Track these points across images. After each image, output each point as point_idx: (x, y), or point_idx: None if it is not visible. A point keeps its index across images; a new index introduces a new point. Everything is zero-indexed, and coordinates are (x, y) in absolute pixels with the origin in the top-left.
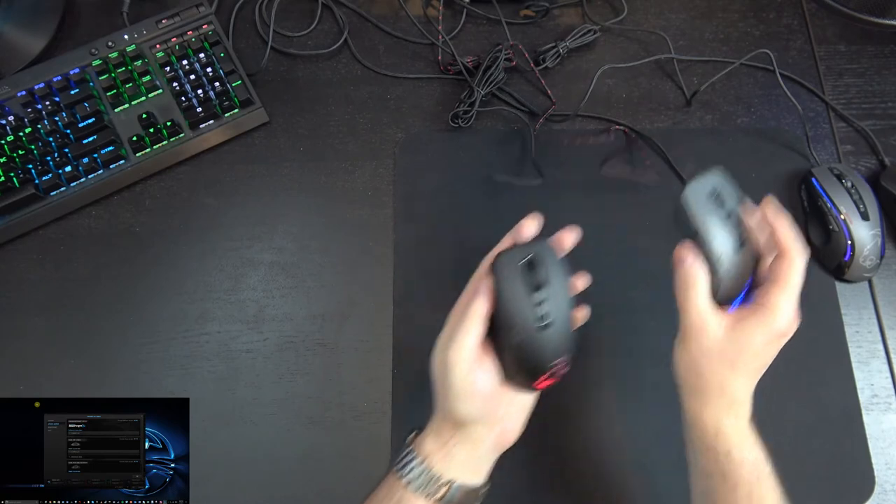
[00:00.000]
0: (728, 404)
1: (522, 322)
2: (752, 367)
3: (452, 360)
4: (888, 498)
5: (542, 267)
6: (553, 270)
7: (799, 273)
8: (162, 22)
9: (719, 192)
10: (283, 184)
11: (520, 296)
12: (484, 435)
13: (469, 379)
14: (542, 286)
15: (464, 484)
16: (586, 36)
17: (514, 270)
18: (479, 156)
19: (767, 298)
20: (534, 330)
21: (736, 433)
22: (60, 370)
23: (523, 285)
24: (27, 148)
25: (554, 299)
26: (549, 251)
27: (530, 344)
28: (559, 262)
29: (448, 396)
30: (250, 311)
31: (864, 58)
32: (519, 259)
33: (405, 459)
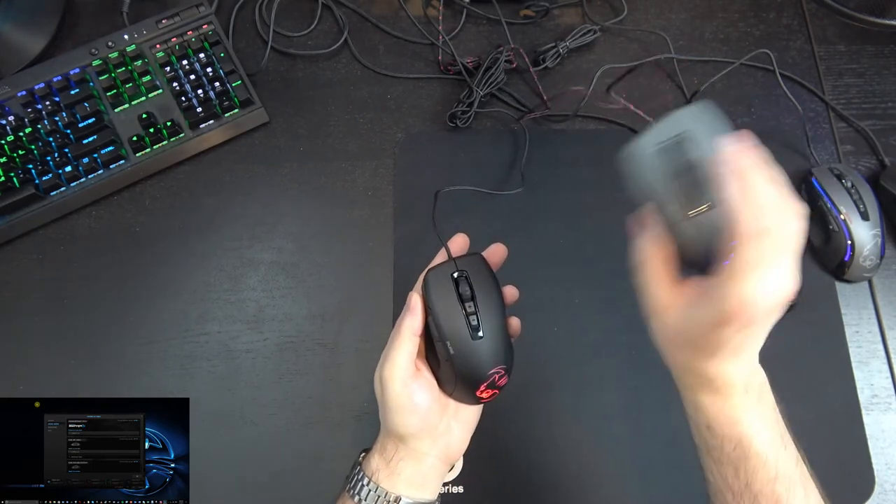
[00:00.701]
0: (699, 382)
1: (455, 334)
2: (717, 349)
3: (387, 376)
4: (888, 498)
5: (472, 280)
6: (483, 282)
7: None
8: (162, 22)
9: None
10: (283, 184)
11: (451, 309)
12: (426, 449)
13: (405, 394)
14: (473, 298)
15: (412, 500)
16: (586, 36)
17: (444, 284)
18: (479, 156)
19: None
20: (467, 341)
21: (715, 409)
22: (60, 370)
23: (454, 298)
24: (27, 148)
25: (485, 311)
26: (479, 264)
27: (465, 355)
28: (490, 274)
29: (387, 412)
30: (250, 311)
31: (864, 58)
32: (449, 273)
33: (355, 479)
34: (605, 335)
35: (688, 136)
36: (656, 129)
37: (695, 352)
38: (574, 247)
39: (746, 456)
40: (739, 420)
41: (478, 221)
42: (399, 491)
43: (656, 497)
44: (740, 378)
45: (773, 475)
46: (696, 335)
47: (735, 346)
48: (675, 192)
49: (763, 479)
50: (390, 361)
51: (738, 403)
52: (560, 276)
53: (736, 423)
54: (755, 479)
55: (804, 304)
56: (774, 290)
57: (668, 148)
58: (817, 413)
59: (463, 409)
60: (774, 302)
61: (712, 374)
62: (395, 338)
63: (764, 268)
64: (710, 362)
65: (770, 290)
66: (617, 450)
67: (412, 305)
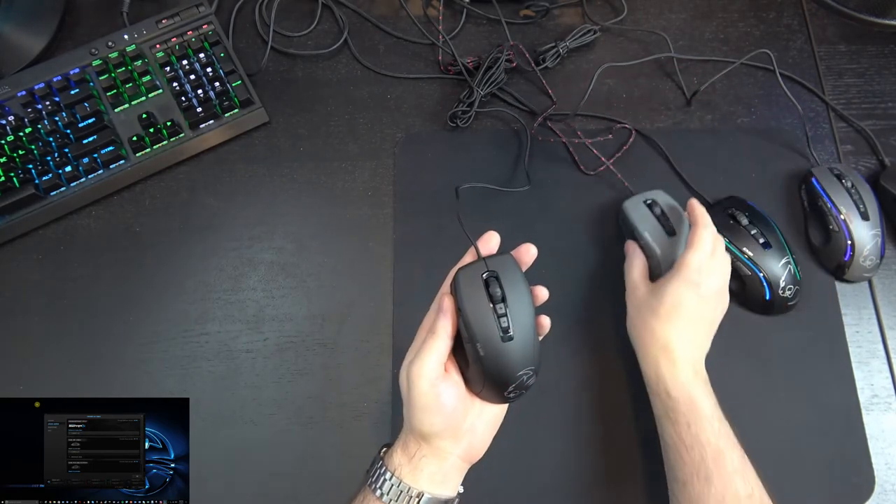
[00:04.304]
0: (662, 350)
1: (486, 335)
2: (676, 314)
3: (415, 375)
4: (888, 498)
5: (502, 280)
6: (513, 283)
7: (704, 236)
8: (162, 22)
9: (652, 199)
10: (283, 184)
11: (482, 310)
12: (449, 448)
13: (432, 394)
14: (504, 299)
15: (434, 496)
16: (586, 36)
17: (475, 285)
18: (479, 156)
19: (682, 258)
20: (497, 342)
21: (672, 374)
22: (60, 370)
23: (485, 299)
24: (27, 148)
25: (516, 311)
26: (509, 265)
27: (495, 356)
28: (520, 274)
29: (412, 411)
30: (250, 311)
31: (864, 58)
32: (479, 274)
33: (377, 473)
34: (605, 336)
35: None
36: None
37: (658, 318)
38: (574, 246)
39: (697, 414)
40: (692, 387)
41: (480, 221)
42: (421, 486)
43: (656, 497)
44: (689, 357)
45: (717, 431)
46: (659, 304)
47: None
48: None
49: (709, 433)
50: (420, 360)
51: (690, 377)
52: (560, 275)
53: (689, 388)
54: (703, 431)
55: (804, 304)
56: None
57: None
58: (817, 413)
59: (487, 408)
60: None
61: (674, 342)
62: (428, 338)
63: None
64: (672, 328)
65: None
66: (617, 449)
67: (445, 308)
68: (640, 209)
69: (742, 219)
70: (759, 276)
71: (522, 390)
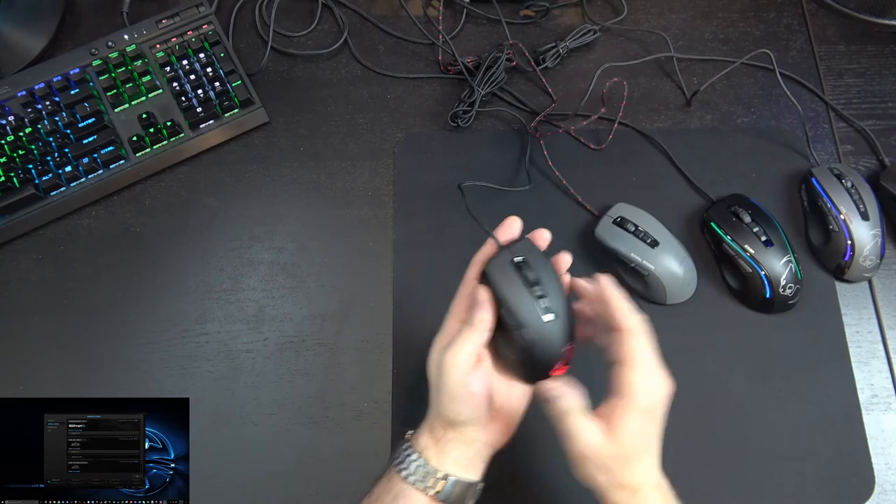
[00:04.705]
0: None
1: (531, 320)
2: (642, 450)
3: (448, 363)
4: (888, 498)
5: (533, 263)
6: (541, 263)
7: (643, 347)
8: (162, 22)
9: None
10: (283, 184)
11: (522, 295)
12: (476, 435)
13: (462, 383)
14: (539, 282)
15: (460, 479)
16: (586, 36)
17: (509, 272)
18: (480, 156)
19: (622, 383)
20: (541, 325)
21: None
22: (60, 370)
23: (522, 285)
24: (27, 148)
25: (552, 291)
26: (530, 246)
27: (541, 339)
28: (542, 254)
29: (441, 398)
30: (250, 311)
31: (864, 58)
32: (508, 261)
33: (403, 454)
34: None
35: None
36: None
37: (633, 463)
38: (574, 246)
39: None
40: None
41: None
42: (447, 469)
43: None
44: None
45: None
46: (631, 446)
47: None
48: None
49: None
50: (455, 349)
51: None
52: None
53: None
54: None
55: (804, 304)
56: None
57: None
58: (817, 413)
59: (514, 397)
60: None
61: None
62: (465, 328)
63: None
64: (647, 463)
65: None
66: None
67: (482, 299)
68: (614, 231)
69: (745, 216)
70: (760, 273)
71: (567, 366)
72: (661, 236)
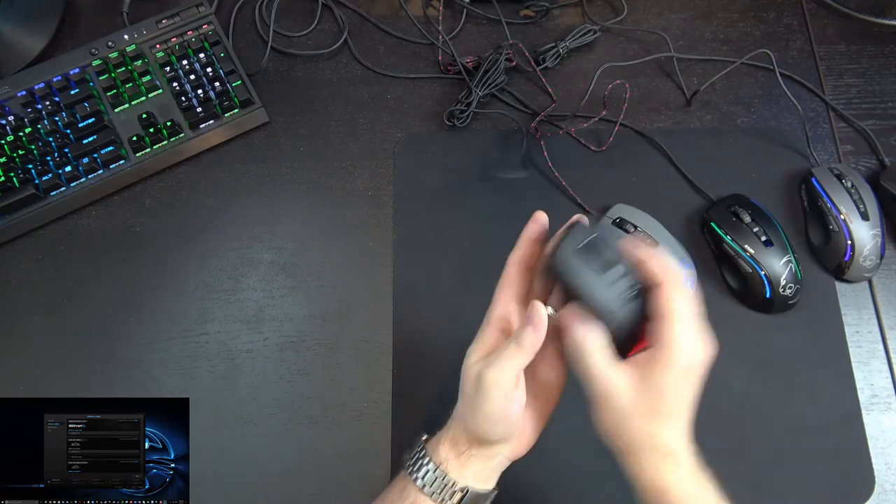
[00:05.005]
0: (663, 457)
1: (611, 309)
2: (675, 410)
3: (491, 382)
4: (888, 498)
5: (600, 244)
6: (610, 242)
7: (683, 301)
8: (162, 22)
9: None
10: (283, 184)
11: (598, 283)
12: (500, 450)
13: (504, 404)
14: (611, 263)
15: (476, 491)
16: (586, 36)
17: (580, 261)
18: (479, 156)
19: (661, 337)
20: (623, 310)
21: (680, 486)
22: (60, 370)
23: (596, 272)
24: (27, 148)
25: (627, 269)
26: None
27: (624, 324)
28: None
29: (477, 416)
30: (250, 311)
31: (864, 58)
32: (577, 245)
33: (420, 462)
34: None
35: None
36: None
37: (654, 418)
38: None
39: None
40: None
41: (478, 220)
42: (466, 482)
43: None
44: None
45: None
46: (654, 399)
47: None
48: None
49: None
50: (499, 369)
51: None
52: None
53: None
54: None
55: (804, 304)
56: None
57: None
58: (817, 413)
59: (539, 411)
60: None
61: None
62: (513, 347)
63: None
64: (673, 427)
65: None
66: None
67: (538, 322)
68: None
69: (745, 216)
70: (760, 273)
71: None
72: (660, 237)
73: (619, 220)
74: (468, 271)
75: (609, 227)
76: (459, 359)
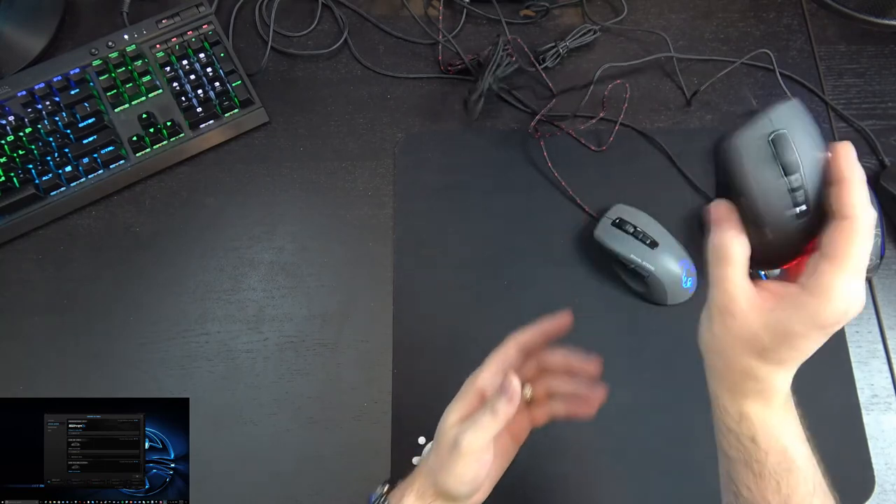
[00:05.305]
0: (755, 390)
1: (771, 218)
2: (788, 356)
3: (466, 446)
4: (888, 498)
5: (786, 143)
6: (801, 144)
7: (860, 248)
8: (162, 22)
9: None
10: (283, 184)
11: (768, 185)
12: (463, 501)
13: (475, 466)
14: (792, 168)
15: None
16: (586, 36)
17: (757, 153)
18: (479, 156)
19: (818, 278)
20: (781, 223)
21: (763, 418)
22: (60, 370)
23: (770, 171)
24: (27, 148)
25: (809, 176)
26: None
27: (773, 241)
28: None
29: (448, 475)
30: (250, 311)
31: (864, 58)
32: (759, 136)
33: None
34: (606, 336)
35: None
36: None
37: (763, 357)
38: (575, 246)
39: (789, 469)
40: (784, 432)
41: (479, 219)
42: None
43: (656, 498)
44: (787, 388)
45: (812, 489)
46: (773, 341)
47: (804, 353)
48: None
49: (803, 494)
50: (476, 434)
51: (783, 414)
52: (560, 275)
53: (781, 436)
54: (796, 492)
55: None
56: (862, 299)
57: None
58: (817, 413)
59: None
60: (858, 311)
61: (770, 382)
62: (488, 416)
63: (858, 278)
64: (774, 369)
65: (860, 299)
66: (616, 450)
67: (512, 392)
68: (613, 233)
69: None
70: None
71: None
72: (660, 237)
73: (618, 220)
74: (468, 271)
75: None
76: (459, 359)
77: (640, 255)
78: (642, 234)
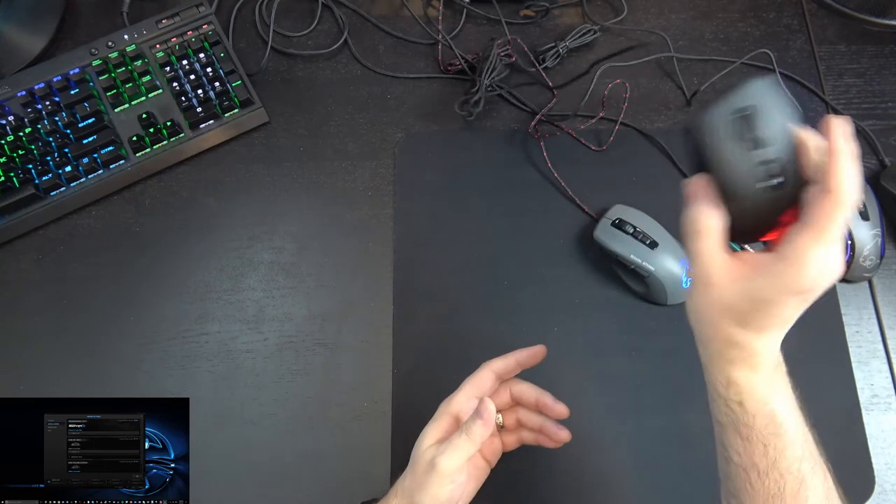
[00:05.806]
0: (740, 357)
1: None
2: (767, 323)
3: (442, 469)
4: (888, 498)
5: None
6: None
7: (838, 221)
8: (162, 22)
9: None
10: (283, 184)
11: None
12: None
13: (450, 488)
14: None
15: None
16: (586, 36)
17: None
18: (479, 156)
19: (792, 246)
20: (755, 196)
21: (750, 383)
22: (60, 370)
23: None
24: (27, 148)
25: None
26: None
27: (749, 214)
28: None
29: (423, 495)
30: (250, 311)
31: (864, 58)
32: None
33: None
34: (606, 336)
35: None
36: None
37: (743, 325)
38: (574, 247)
39: (777, 433)
40: (772, 396)
41: (478, 219)
42: None
43: (655, 498)
44: (774, 354)
45: (800, 454)
46: (751, 308)
47: (784, 320)
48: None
49: (791, 458)
50: (451, 457)
51: (770, 380)
52: (560, 275)
53: (768, 400)
54: (783, 456)
55: None
56: (837, 267)
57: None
58: (817, 413)
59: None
60: (834, 278)
61: (754, 349)
62: (463, 439)
63: (833, 246)
64: (755, 336)
65: (835, 267)
66: (616, 450)
67: (487, 416)
68: (612, 233)
69: None
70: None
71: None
72: (659, 237)
73: (617, 220)
74: (468, 271)
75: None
76: (459, 358)
77: (640, 255)
78: (642, 234)
